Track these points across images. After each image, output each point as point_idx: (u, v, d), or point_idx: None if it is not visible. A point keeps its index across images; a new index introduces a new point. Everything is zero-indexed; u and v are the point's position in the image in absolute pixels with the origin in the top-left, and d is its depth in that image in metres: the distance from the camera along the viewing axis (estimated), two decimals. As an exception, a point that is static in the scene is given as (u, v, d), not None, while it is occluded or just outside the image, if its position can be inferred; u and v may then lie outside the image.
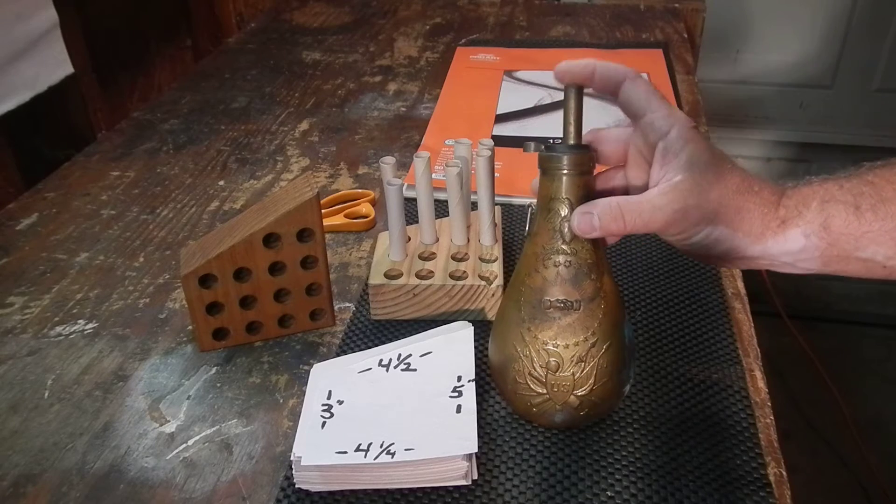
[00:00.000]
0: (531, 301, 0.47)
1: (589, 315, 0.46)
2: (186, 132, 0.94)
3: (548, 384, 0.46)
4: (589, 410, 0.47)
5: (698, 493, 0.46)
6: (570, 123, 0.47)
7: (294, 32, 1.27)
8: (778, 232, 0.44)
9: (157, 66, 1.20)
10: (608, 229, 0.44)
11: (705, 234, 0.44)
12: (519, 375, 0.47)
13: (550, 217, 0.46)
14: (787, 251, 0.44)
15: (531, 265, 0.47)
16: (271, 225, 0.55)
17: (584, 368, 0.46)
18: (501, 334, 0.49)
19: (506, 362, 0.48)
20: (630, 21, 1.27)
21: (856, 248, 0.43)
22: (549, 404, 0.47)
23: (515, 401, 0.48)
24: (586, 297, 0.46)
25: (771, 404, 0.53)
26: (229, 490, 0.48)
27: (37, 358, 0.59)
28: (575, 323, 0.46)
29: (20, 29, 0.86)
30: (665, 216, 0.43)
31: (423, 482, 0.46)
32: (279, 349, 0.59)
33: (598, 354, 0.46)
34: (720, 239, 0.44)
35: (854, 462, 1.56)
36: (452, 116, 0.96)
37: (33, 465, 0.50)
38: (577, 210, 0.45)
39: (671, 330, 0.60)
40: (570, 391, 0.46)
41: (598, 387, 0.46)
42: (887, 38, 1.65)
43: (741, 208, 0.44)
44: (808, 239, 0.43)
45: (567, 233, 0.46)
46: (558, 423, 0.49)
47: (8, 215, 0.78)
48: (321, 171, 0.85)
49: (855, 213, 0.42)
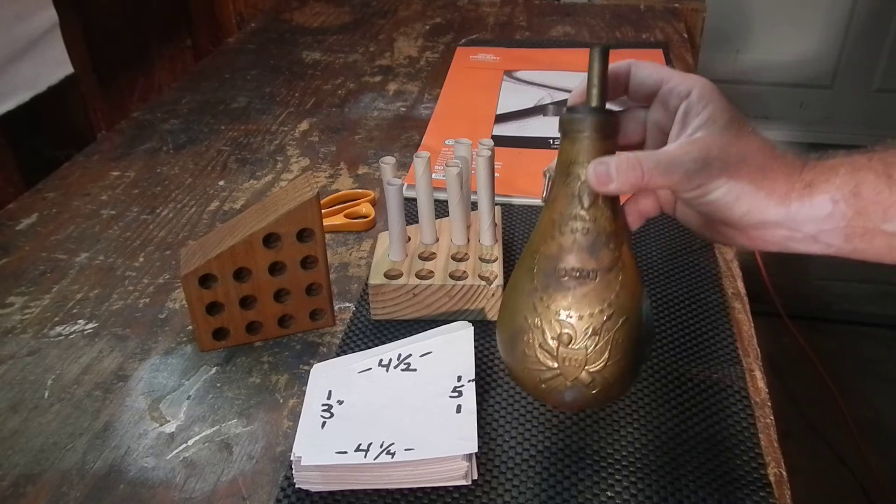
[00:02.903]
0: (545, 269, 0.44)
1: (605, 286, 0.43)
2: (186, 132, 0.94)
3: (559, 357, 0.43)
4: (601, 389, 0.44)
5: (698, 493, 0.46)
6: (595, 86, 0.45)
7: (294, 32, 1.27)
8: (804, 195, 0.41)
9: (157, 66, 1.20)
10: (626, 180, 0.41)
11: (726, 189, 0.42)
12: (528, 348, 0.44)
13: (569, 182, 0.44)
14: (812, 217, 0.42)
15: (547, 232, 0.45)
16: (271, 225, 0.55)
17: (597, 343, 0.43)
18: (512, 304, 0.46)
19: (515, 334, 0.45)
20: (630, 21, 1.27)
21: (883, 220, 0.41)
22: (559, 380, 0.44)
23: (523, 376, 0.45)
24: (603, 267, 0.44)
25: (771, 404, 0.53)
26: (229, 490, 0.48)
27: (37, 358, 0.59)
28: (590, 293, 0.43)
29: (20, 29, 0.86)
30: (685, 166, 0.41)
31: (423, 482, 0.46)
32: (279, 349, 0.59)
33: (613, 328, 0.43)
34: (741, 196, 0.42)
35: (854, 462, 1.56)
36: (452, 116, 0.96)
37: (33, 465, 0.50)
38: (592, 161, 0.43)
39: (671, 330, 0.60)
40: (581, 366, 0.43)
41: (612, 363, 0.43)
42: (887, 38, 1.65)
43: (764, 166, 0.42)
44: (836, 205, 0.41)
45: (586, 198, 0.44)
46: (568, 401, 0.45)
47: (8, 215, 0.78)
48: (321, 171, 0.85)
49: (887, 181, 0.40)
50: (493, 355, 0.57)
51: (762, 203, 0.42)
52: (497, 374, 0.56)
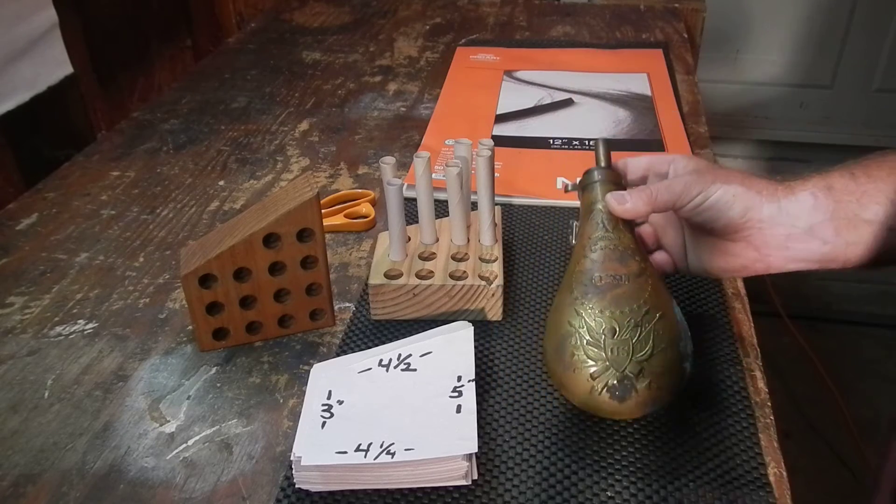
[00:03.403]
0: (582, 281, 0.50)
1: (638, 288, 0.48)
2: (186, 132, 0.94)
3: (605, 348, 0.46)
4: (651, 381, 0.46)
5: (698, 493, 0.46)
6: (601, 159, 0.56)
7: (294, 32, 1.27)
8: (788, 192, 0.48)
9: (157, 66, 1.20)
10: (637, 198, 0.51)
11: (722, 190, 0.48)
12: (576, 349, 0.47)
13: (592, 216, 0.53)
14: (801, 209, 0.47)
15: (580, 254, 0.51)
16: (271, 225, 0.55)
17: (640, 333, 0.46)
18: (555, 321, 0.50)
19: (562, 340, 0.48)
20: (630, 21, 1.27)
21: (860, 208, 0.47)
22: (609, 374, 0.46)
23: (574, 381, 0.47)
24: (633, 273, 0.49)
25: (771, 404, 0.53)
26: (229, 490, 0.48)
27: (37, 358, 0.59)
28: (626, 293, 0.48)
29: (20, 29, 0.86)
30: (683, 180, 0.50)
31: (423, 482, 0.46)
32: (279, 349, 0.59)
33: (652, 320, 0.47)
34: (737, 195, 0.48)
35: (854, 462, 1.56)
36: (452, 116, 0.96)
37: (33, 465, 0.50)
38: (609, 193, 0.52)
39: (671, 330, 0.59)
40: (629, 356, 0.46)
41: (658, 352, 0.46)
42: (887, 38, 1.65)
43: (748, 177, 0.49)
44: (817, 198, 0.47)
45: (609, 222, 0.52)
46: (620, 399, 0.46)
47: (8, 215, 0.78)
48: (321, 171, 0.85)
49: (851, 177, 0.48)
50: (493, 355, 0.57)
51: (756, 199, 0.48)
52: (497, 374, 0.56)
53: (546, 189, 0.79)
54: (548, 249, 0.70)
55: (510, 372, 0.56)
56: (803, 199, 0.47)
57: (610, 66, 1.07)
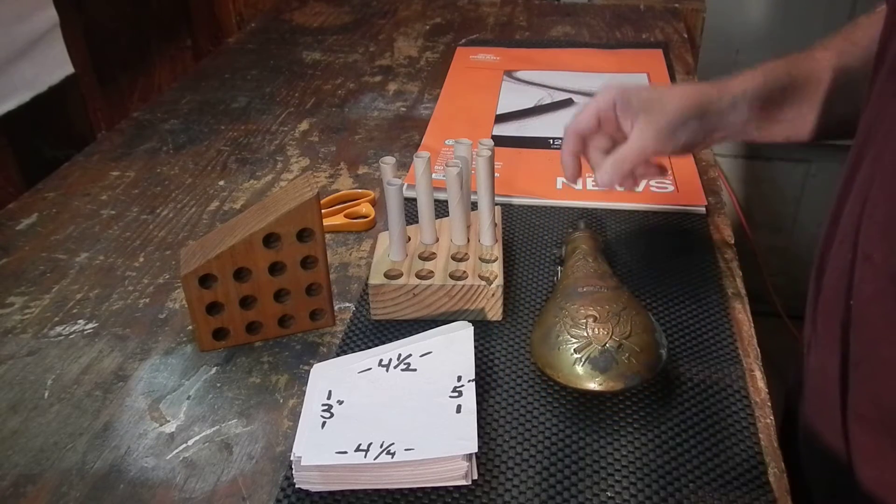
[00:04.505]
0: (566, 292, 0.56)
1: (616, 295, 0.55)
2: (186, 132, 0.94)
3: (588, 328, 0.52)
4: (631, 356, 0.50)
5: (698, 493, 0.46)
6: (580, 228, 0.66)
7: (294, 32, 1.27)
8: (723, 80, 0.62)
9: (157, 66, 1.20)
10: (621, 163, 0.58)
11: (687, 86, 0.60)
12: (560, 332, 0.52)
13: (576, 254, 0.62)
14: (740, 80, 0.63)
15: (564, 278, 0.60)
16: (271, 225, 0.55)
17: (619, 321, 0.52)
18: (541, 321, 0.56)
19: (547, 330, 0.54)
20: (630, 21, 1.27)
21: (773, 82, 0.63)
22: (591, 348, 0.50)
23: (558, 359, 0.51)
24: (611, 286, 0.56)
25: (771, 404, 0.53)
26: (229, 490, 0.48)
27: (37, 358, 0.59)
28: (605, 297, 0.55)
29: (20, 29, 0.86)
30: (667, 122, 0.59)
31: (423, 482, 0.46)
32: (279, 349, 0.59)
33: (630, 315, 0.53)
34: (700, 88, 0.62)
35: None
36: (452, 116, 0.96)
37: (33, 465, 0.50)
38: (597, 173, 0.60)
39: (671, 330, 0.60)
40: (609, 334, 0.51)
41: (636, 335, 0.51)
42: (887, 38, 1.64)
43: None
44: (745, 74, 0.63)
45: (589, 255, 0.61)
46: (602, 367, 0.50)
47: (8, 215, 0.78)
48: (321, 171, 0.85)
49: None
50: (493, 355, 0.57)
51: (712, 88, 0.63)
52: (497, 374, 0.56)
53: (546, 189, 0.79)
54: (548, 249, 0.70)
55: (510, 372, 0.56)
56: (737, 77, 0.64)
57: (610, 66, 1.07)
